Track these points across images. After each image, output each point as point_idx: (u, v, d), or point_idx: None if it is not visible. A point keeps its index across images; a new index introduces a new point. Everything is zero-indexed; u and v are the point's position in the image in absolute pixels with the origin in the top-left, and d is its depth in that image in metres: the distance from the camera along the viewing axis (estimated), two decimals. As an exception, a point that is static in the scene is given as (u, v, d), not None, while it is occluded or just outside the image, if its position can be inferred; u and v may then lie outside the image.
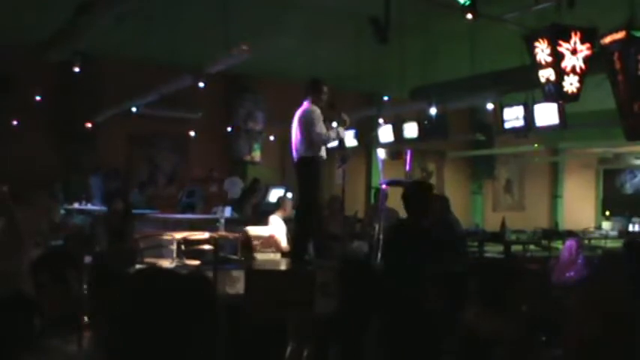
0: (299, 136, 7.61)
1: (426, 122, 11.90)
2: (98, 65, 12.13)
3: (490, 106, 11.25)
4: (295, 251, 7.94)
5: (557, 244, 11.85)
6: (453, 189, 16.22)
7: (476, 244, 11.44)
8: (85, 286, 5.73)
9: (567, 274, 7.82)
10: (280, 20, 10.15)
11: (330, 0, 9.35)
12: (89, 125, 12.27)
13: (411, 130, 12.27)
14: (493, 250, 11.69)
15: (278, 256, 8.47)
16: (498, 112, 10.64)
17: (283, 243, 8.62)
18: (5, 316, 2.87)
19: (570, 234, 12.32)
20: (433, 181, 16.91)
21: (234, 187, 12.15)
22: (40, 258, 7.69)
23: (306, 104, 7.68)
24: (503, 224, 12.18)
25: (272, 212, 9.59)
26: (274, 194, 11.20)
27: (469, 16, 7.02)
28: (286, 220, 8.96)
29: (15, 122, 12.02)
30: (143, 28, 10.02)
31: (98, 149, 12.59)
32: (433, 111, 11.56)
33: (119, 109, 11.96)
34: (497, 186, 18.80)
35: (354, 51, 10.14)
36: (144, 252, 8.16)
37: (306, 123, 7.48)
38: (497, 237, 11.97)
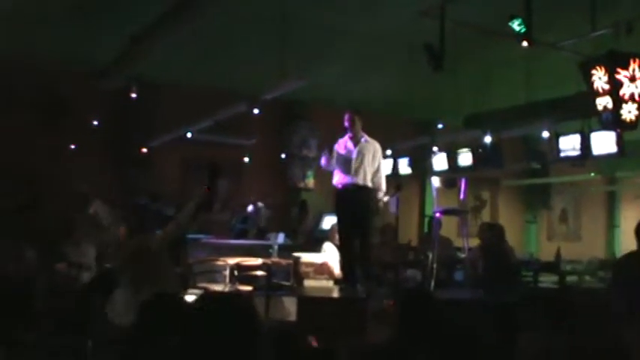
0: (369, 166, 7.92)
1: (480, 150, 11.84)
2: (154, 91, 12.25)
3: (545, 134, 11.04)
4: (347, 279, 7.94)
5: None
6: (507, 218, 15.99)
7: (530, 273, 11.25)
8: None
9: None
10: (335, 47, 10.23)
11: (385, 27, 9.35)
12: (144, 150, 12.42)
13: (465, 158, 12.22)
14: (547, 281, 11.47)
15: (331, 283, 8.46)
16: (554, 140, 10.49)
17: (336, 270, 8.60)
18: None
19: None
20: (487, 210, 16.99)
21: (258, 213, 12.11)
22: (93, 280, 7.92)
23: (365, 135, 8.01)
24: (558, 254, 11.97)
25: (325, 239, 9.62)
26: (327, 221, 11.15)
27: (524, 43, 6.99)
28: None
29: (72, 146, 12.23)
30: (199, 55, 10.17)
31: (152, 174, 12.68)
32: (488, 139, 11.51)
33: (174, 134, 12.07)
34: (553, 215, 18.47)
35: (408, 78, 10.21)
36: (197, 277, 8.31)
37: (379, 158, 7.99)
38: (552, 267, 11.78)
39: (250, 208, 12.17)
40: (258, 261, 8.47)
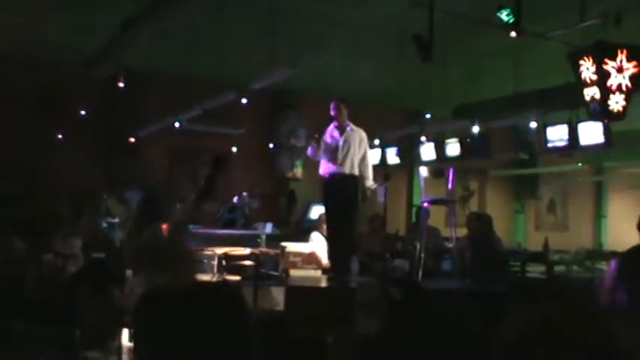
0: (356, 154, 7.88)
1: (468, 140, 11.85)
2: (142, 80, 12.19)
3: (533, 124, 11.04)
4: (336, 268, 7.94)
5: (602, 265, 11.54)
6: (495, 208, 15.92)
7: (518, 263, 11.29)
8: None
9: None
10: (324, 37, 10.17)
11: (375, 17, 9.32)
12: (132, 140, 12.37)
13: (453, 148, 12.22)
14: (535, 271, 11.53)
15: (319, 273, 8.46)
16: (541, 130, 10.53)
17: (324, 260, 8.61)
18: None
19: (615, 255, 12.04)
20: (475, 200, 16.97)
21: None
22: (81, 271, 7.89)
23: (351, 124, 8.00)
24: (545, 244, 12.02)
25: (313, 229, 9.65)
26: (315, 211, 11.21)
27: (513, 33, 6.96)
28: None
29: (60, 136, 12.20)
30: (188, 44, 10.11)
31: (141, 164, 12.61)
32: (476, 129, 11.48)
33: (162, 123, 12.01)
34: (540, 205, 18.47)
35: (398, 69, 10.12)
36: None
37: (366, 146, 7.99)
38: (540, 257, 11.79)
39: (236, 198, 12.12)
40: (247, 251, 8.45)
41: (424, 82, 11.17)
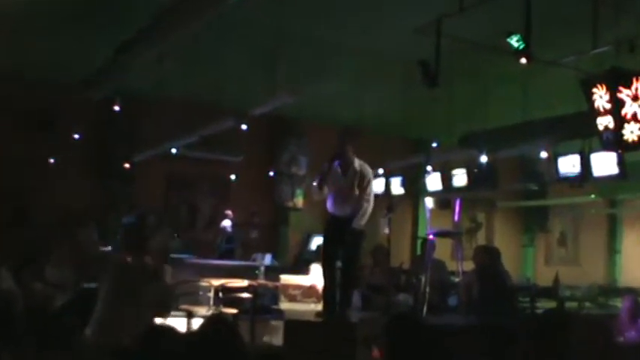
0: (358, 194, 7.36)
1: (475, 170, 11.54)
2: (138, 104, 12.05)
3: (544, 154, 10.79)
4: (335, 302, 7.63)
5: (616, 301, 11.27)
6: (503, 241, 15.65)
7: (527, 299, 11.01)
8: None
9: (627, 334, 7.52)
10: (327, 64, 10.06)
11: (380, 44, 9.19)
12: (127, 165, 12.18)
13: (460, 178, 11.92)
14: (545, 307, 11.07)
15: (319, 306, 8.07)
16: (552, 160, 10.27)
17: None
18: None
19: (630, 291, 11.72)
20: (482, 232, 16.74)
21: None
22: (70, 302, 7.59)
23: (357, 160, 7.44)
24: (556, 279, 11.75)
25: (313, 261, 9.38)
26: (315, 242, 11.12)
27: (523, 60, 6.69)
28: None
29: (52, 160, 12.06)
30: (186, 68, 10.02)
31: (136, 190, 12.47)
32: (483, 159, 11.13)
33: (159, 149, 11.81)
34: (551, 238, 18.21)
35: (403, 96, 10.01)
36: (180, 298, 8.09)
37: (371, 185, 7.42)
38: (550, 292, 11.56)
39: (228, 225, 12.00)
40: (244, 282, 8.41)
41: (430, 109, 11.06)
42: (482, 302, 8.67)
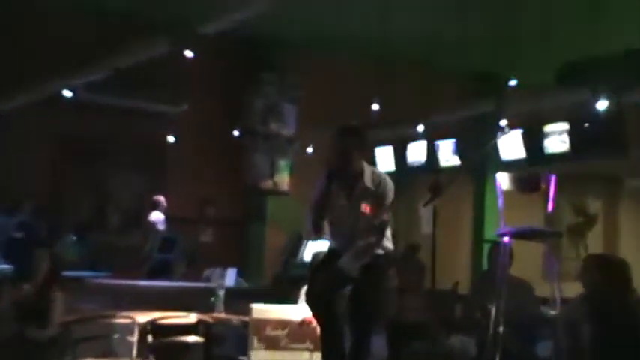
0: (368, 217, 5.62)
1: (585, 126, 9.27)
2: (7, 12, 9.64)
3: None
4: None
5: None
6: (636, 245, 12.65)
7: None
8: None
9: None
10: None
11: None
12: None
13: (556, 141, 9.76)
14: None
15: (316, 356, 6.52)
16: None
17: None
18: None
19: None
20: (598, 228, 13.94)
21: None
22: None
23: (366, 169, 5.56)
24: None
25: (306, 279, 6.85)
26: (310, 249, 8.81)
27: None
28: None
29: None
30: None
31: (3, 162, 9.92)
32: (601, 106, 8.72)
33: (42, 91, 9.34)
34: None
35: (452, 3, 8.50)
36: (79, 346, 6.46)
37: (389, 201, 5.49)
38: None
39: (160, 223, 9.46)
40: (190, 317, 6.91)
41: (502, 24, 9.22)
42: (597, 354, 5.90)
